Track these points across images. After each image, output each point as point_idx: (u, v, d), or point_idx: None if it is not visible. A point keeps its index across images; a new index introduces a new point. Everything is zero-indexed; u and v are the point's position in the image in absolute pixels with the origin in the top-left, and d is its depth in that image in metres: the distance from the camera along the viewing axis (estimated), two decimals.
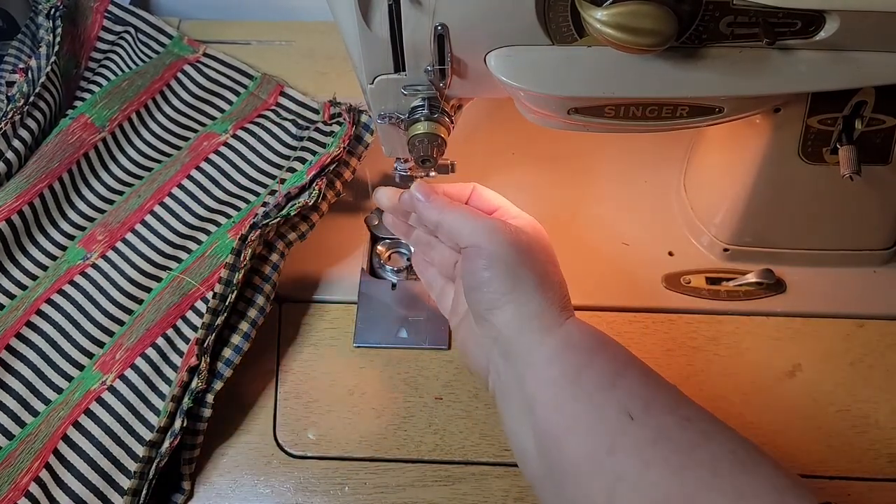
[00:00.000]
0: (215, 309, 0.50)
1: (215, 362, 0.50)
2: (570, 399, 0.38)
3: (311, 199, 0.53)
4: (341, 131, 0.58)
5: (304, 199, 0.53)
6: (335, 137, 0.58)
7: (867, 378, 0.51)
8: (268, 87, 0.66)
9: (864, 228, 0.54)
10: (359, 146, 0.58)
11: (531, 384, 0.40)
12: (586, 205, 0.61)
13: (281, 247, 0.54)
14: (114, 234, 0.57)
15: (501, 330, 0.42)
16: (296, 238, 0.55)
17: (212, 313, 0.50)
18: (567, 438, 0.38)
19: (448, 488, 0.48)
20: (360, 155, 0.58)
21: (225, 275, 0.51)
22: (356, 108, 0.59)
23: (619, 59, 0.40)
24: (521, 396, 0.41)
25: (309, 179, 0.54)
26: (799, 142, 0.49)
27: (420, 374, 0.52)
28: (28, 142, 0.60)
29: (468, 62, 0.43)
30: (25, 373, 0.51)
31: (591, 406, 0.38)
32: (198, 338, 0.49)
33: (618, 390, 0.38)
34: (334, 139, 0.58)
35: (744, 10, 0.38)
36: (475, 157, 0.62)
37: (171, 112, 0.65)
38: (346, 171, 0.57)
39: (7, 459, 0.47)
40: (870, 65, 0.40)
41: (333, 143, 0.57)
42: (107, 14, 0.69)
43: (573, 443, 0.37)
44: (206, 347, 0.49)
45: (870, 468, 0.48)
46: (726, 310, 0.54)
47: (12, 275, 0.55)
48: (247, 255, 0.51)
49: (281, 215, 0.53)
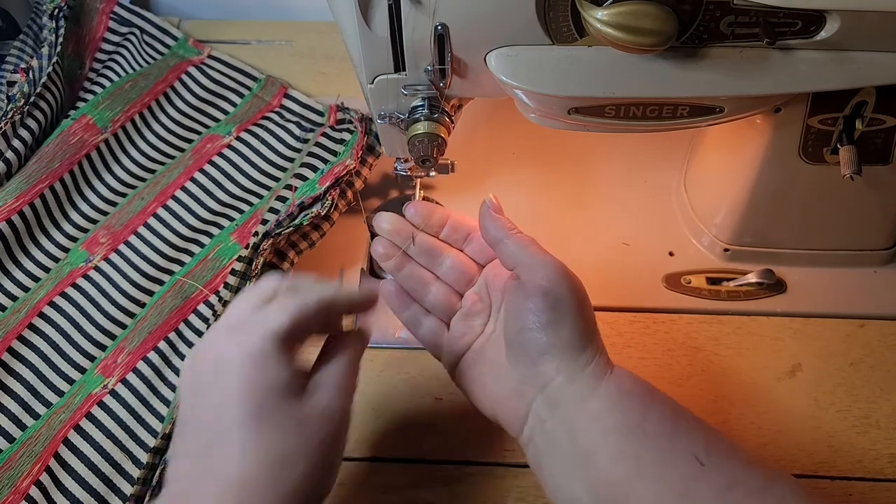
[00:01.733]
0: None
1: None
2: (635, 447, 0.37)
3: (325, 209, 0.54)
4: (352, 140, 0.58)
5: (316, 209, 0.54)
6: (347, 146, 0.58)
7: (867, 378, 0.51)
8: (272, 88, 0.66)
9: (865, 228, 0.54)
10: (370, 156, 0.58)
11: (588, 435, 0.38)
12: (586, 205, 0.61)
13: (292, 256, 0.54)
14: (116, 237, 0.57)
15: (553, 377, 0.40)
16: (306, 247, 0.55)
17: None
18: (636, 488, 0.36)
19: (448, 488, 0.47)
20: (371, 165, 0.59)
21: (234, 282, 0.51)
22: (367, 117, 0.59)
23: (619, 59, 0.40)
24: (572, 448, 0.38)
25: (323, 190, 0.54)
26: (799, 142, 0.49)
27: (420, 374, 0.52)
28: (28, 142, 0.60)
29: (468, 62, 0.43)
30: (27, 375, 0.51)
31: (658, 453, 0.37)
32: None
33: (681, 436, 0.37)
34: (346, 148, 0.58)
35: (744, 10, 0.38)
36: (475, 157, 0.62)
37: (175, 114, 0.65)
38: (358, 180, 0.58)
39: (7, 462, 0.47)
40: (870, 65, 0.40)
41: (345, 153, 0.57)
42: (112, 15, 0.69)
43: (643, 492, 0.36)
44: None
45: (870, 468, 0.48)
46: (727, 310, 0.54)
47: (14, 276, 0.55)
48: (258, 263, 0.51)
49: (293, 225, 0.53)
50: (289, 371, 0.35)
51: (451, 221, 0.48)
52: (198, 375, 0.36)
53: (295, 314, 0.36)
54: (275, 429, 0.34)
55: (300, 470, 0.34)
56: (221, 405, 0.34)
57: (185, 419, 0.36)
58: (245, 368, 0.34)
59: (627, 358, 0.52)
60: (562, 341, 0.40)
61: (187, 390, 0.37)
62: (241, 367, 0.34)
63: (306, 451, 0.35)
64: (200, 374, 0.36)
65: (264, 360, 0.35)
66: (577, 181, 0.62)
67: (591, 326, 0.42)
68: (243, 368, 0.34)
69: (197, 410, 0.35)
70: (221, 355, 0.35)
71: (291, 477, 0.34)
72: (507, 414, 0.41)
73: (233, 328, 0.37)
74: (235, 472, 0.33)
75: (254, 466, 0.33)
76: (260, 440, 0.33)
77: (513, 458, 0.48)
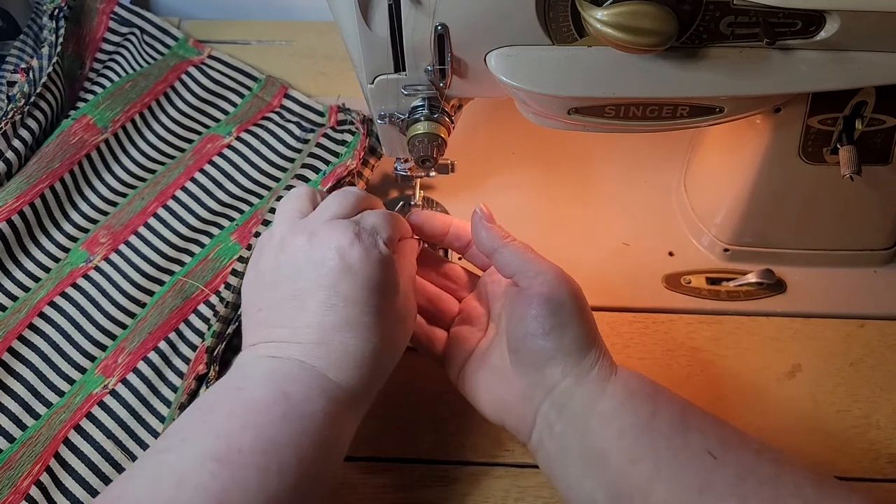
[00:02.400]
0: (226, 317, 0.50)
1: (224, 370, 0.50)
2: (648, 447, 0.38)
3: None
4: (355, 141, 0.58)
5: None
6: (349, 147, 0.58)
7: (867, 378, 0.51)
8: (272, 88, 0.66)
9: (865, 228, 0.54)
10: (372, 157, 0.59)
11: (599, 437, 0.39)
12: (586, 205, 0.61)
13: None
14: (117, 237, 0.57)
15: (559, 381, 0.40)
16: None
17: (222, 322, 0.50)
18: (652, 487, 0.37)
19: (448, 488, 0.47)
20: (373, 166, 0.59)
21: (236, 283, 0.51)
22: (369, 118, 0.59)
23: (619, 59, 0.40)
24: (583, 450, 0.39)
25: (326, 191, 0.54)
26: (799, 142, 0.49)
27: (420, 375, 0.52)
28: (28, 142, 0.60)
29: (468, 62, 0.43)
30: (27, 375, 0.51)
31: (673, 451, 0.37)
32: (207, 346, 0.49)
33: (693, 432, 0.38)
34: (348, 149, 0.58)
35: (744, 10, 0.38)
36: (475, 157, 0.62)
37: (175, 114, 0.65)
38: (361, 182, 0.58)
39: (8, 462, 0.47)
40: (870, 65, 0.40)
41: (347, 154, 0.57)
42: (113, 15, 0.69)
43: (660, 490, 0.37)
44: (215, 356, 0.49)
45: (870, 469, 0.48)
46: (726, 310, 0.54)
47: (14, 276, 0.55)
48: None
49: None
50: (397, 271, 0.42)
51: (453, 228, 0.49)
52: (318, 265, 0.40)
53: (396, 226, 0.43)
54: (389, 318, 0.41)
55: (397, 347, 0.43)
56: (347, 297, 0.40)
57: (294, 295, 0.40)
58: (374, 270, 0.40)
59: (627, 358, 0.52)
60: (565, 346, 0.40)
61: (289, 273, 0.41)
62: (369, 268, 0.40)
63: (403, 335, 0.43)
64: (321, 264, 0.40)
65: (388, 266, 0.41)
66: (577, 181, 0.62)
67: (592, 329, 0.42)
68: (372, 270, 0.40)
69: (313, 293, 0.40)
70: (345, 258, 0.40)
71: (394, 349, 0.43)
72: (515, 419, 0.42)
73: (339, 226, 0.41)
74: (360, 346, 0.40)
75: (377, 341, 0.40)
76: (382, 327, 0.41)
77: (513, 458, 0.49)
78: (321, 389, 0.38)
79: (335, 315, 0.39)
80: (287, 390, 0.37)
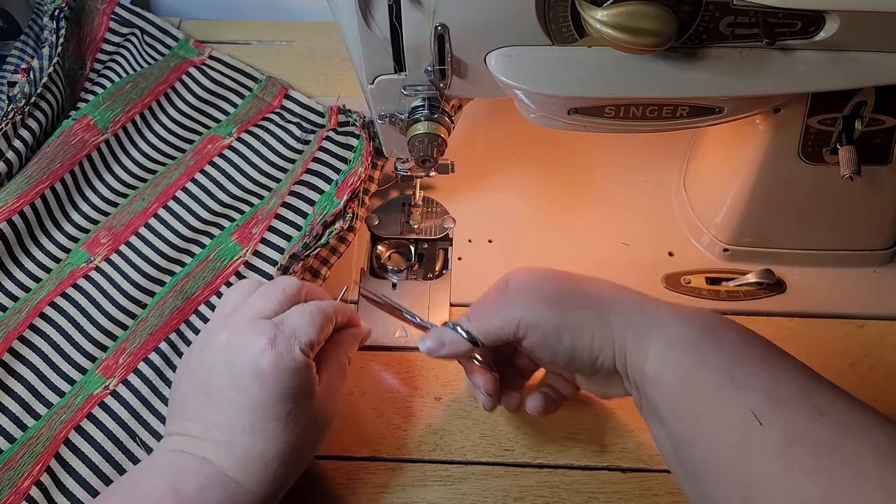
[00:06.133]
0: None
1: None
2: (687, 409, 0.37)
3: (347, 222, 0.55)
4: (359, 146, 0.58)
5: (339, 224, 0.54)
6: (355, 153, 0.58)
7: (867, 378, 0.51)
8: (272, 89, 0.66)
9: (864, 228, 0.54)
10: (379, 159, 0.59)
11: (651, 396, 0.39)
12: (586, 205, 0.61)
13: (324, 272, 0.55)
14: (117, 238, 0.57)
15: (615, 366, 0.41)
16: (335, 260, 0.56)
17: None
18: (694, 446, 0.37)
19: (448, 488, 0.48)
20: (381, 167, 0.59)
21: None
22: (369, 122, 0.59)
23: (619, 59, 0.40)
24: (649, 406, 0.40)
25: (342, 204, 0.55)
26: (799, 142, 0.49)
27: (420, 375, 0.52)
28: (29, 142, 0.60)
29: (468, 62, 0.43)
30: (27, 375, 0.51)
31: (711, 411, 0.36)
32: None
33: (736, 388, 0.36)
34: (354, 155, 0.58)
35: (744, 10, 0.39)
36: (475, 157, 0.62)
37: (176, 114, 0.65)
38: (372, 185, 0.59)
39: (8, 462, 0.47)
40: (870, 65, 0.40)
41: (355, 160, 0.58)
42: (113, 16, 0.69)
43: (700, 450, 0.36)
44: None
45: None
46: (726, 310, 0.54)
47: (15, 276, 0.56)
48: None
49: (320, 245, 0.54)
50: (314, 377, 0.42)
51: None
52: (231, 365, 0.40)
53: (320, 328, 0.42)
54: (299, 425, 0.41)
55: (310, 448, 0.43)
56: (255, 401, 0.40)
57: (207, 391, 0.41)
58: (285, 377, 0.40)
59: None
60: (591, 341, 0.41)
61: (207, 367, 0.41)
62: (280, 374, 0.40)
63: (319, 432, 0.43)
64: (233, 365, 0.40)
65: (301, 373, 0.41)
66: (576, 181, 0.62)
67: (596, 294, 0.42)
68: (283, 377, 0.40)
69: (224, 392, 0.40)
70: (257, 362, 0.40)
71: (305, 452, 0.42)
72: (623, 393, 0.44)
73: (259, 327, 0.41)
74: (264, 450, 0.40)
75: (283, 447, 0.40)
76: (292, 433, 0.41)
77: (513, 458, 0.49)
78: (220, 486, 0.39)
79: (242, 417, 0.40)
80: (179, 487, 0.38)
